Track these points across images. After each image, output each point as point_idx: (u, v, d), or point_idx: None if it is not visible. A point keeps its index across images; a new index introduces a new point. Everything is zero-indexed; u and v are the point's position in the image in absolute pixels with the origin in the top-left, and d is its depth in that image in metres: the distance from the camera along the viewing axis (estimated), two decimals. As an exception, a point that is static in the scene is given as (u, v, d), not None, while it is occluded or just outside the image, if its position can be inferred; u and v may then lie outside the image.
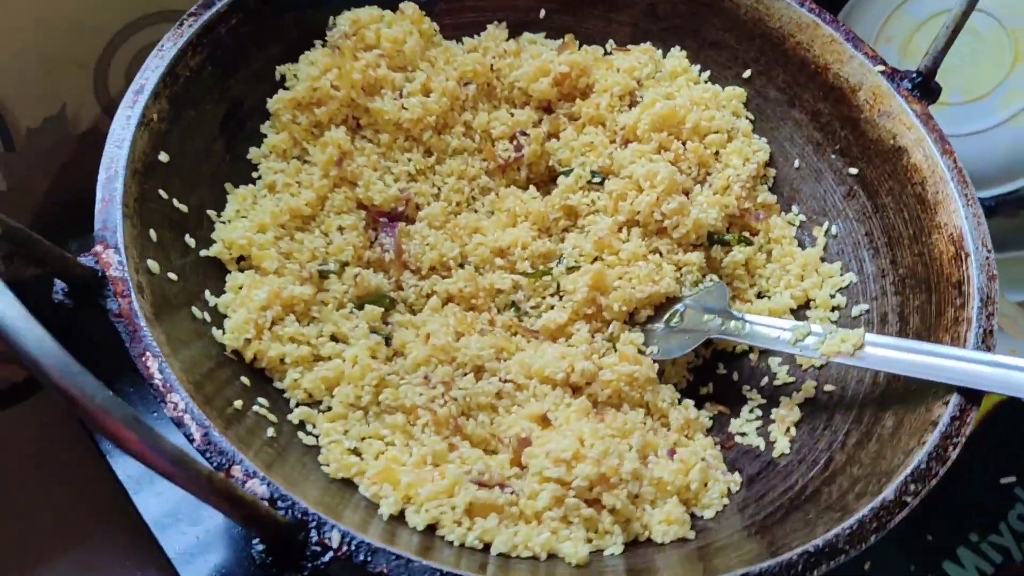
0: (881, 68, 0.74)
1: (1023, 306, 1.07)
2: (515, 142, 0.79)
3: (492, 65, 0.81)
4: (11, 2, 0.74)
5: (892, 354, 0.61)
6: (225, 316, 0.64)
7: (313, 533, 0.49)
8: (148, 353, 0.53)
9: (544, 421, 0.65)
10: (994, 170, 1.15)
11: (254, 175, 0.73)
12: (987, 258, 0.64)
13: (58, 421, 1.02)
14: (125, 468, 0.76)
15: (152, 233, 0.61)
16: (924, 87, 0.73)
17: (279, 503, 0.49)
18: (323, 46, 0.77)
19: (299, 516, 0.49)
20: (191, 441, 0.51)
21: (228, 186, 0.71)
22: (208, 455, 0.51)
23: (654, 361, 0.69)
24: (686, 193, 0.76)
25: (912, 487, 0.54)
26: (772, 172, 0.80)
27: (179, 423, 0.52)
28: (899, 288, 0.70)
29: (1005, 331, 1.07)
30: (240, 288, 0.66)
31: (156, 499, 0.74)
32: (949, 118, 1.16)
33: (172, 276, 0.61)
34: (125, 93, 0.85)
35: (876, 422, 0.63)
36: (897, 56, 1.21)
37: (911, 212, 0.70)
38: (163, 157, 0.65)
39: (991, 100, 1.14)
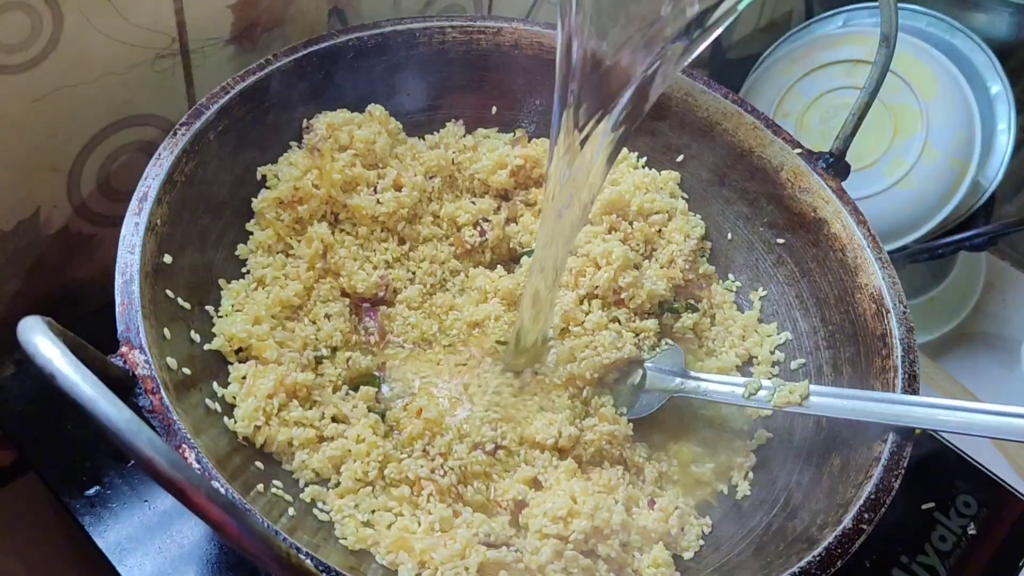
0: (799, 150, 0.85)
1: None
2: (479, 228, 0.87)
3: (453, 159, 0.89)
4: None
5: (833, 401, 0.71)
6: (233, 405, 0.69)
7: (359, 600, 0.54)
8: (184, 445, 0.57)
9: (536, 483, 0.71)
10: (884, 228, 1.29)
11: (243, 270, 0.78)
12: (904, 312, 0.75)
13: (34, 506, 1.02)
14: (105, 539, 0.76)
15: (166, 331, 0.65)
16: (837, 166, 0.84)
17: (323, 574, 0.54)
18: (299, 147, 0.83)
19: (346, 587, 0.54)
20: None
21: (222, 282, 0.76)
22: (252, 536, 0.55)
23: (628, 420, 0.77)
24: (636, 267, 0.85)
25: (866, 516, 0.63)
26: (708, 245, 0.90)
27: (221, 508, 0.56)
28: (830, 343, 0.80)
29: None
30: (244, 378, 0.70)
31: (138, 568, 0.75)
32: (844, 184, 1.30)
33: (186, 371, 0.66)
34: (97, 192, 0.89)
35: (824, 462, 0.72)
36: (794, 128, 1.35)
37: (834, 275, 0.81)
38: (167, 259, 0.69)
39: (878, 168, 1.29)
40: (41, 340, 0.44)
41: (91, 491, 0.79)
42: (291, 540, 0.55)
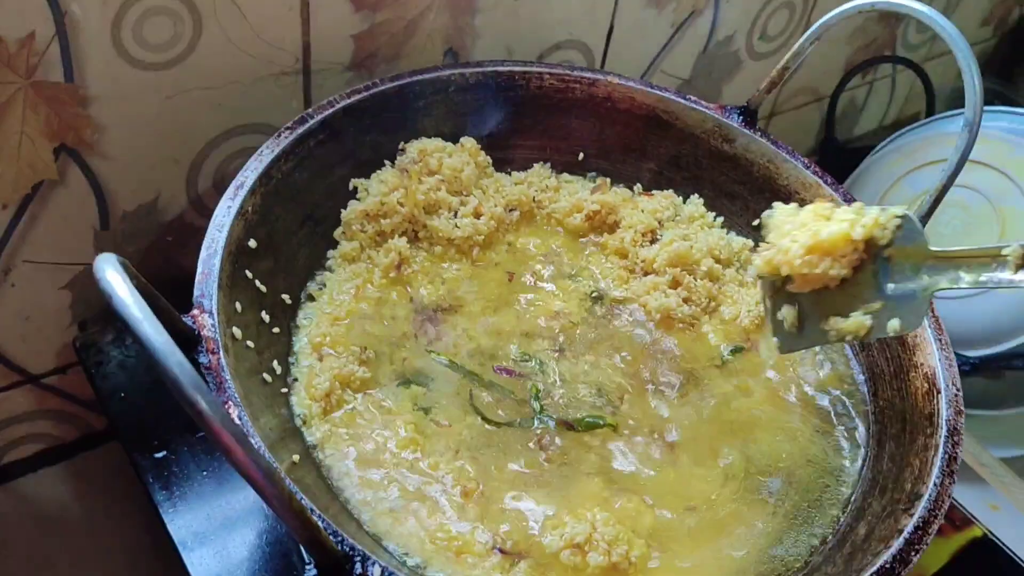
0: (872, 227, 0.85)
1: (1006, 461, 1.15)
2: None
3: (535, 197, 0.93)
4: (135, 114, 0.87)
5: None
6: (287, 382, 0.74)
7: (358, 565, 0.56)
8: (230, 402, 0.63)
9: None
10: (979, 333, 1.25)
11: (324, 270, 0.85)
12: (955, 395, 0.73)
13: (107, 479, 1.10)
14: (178, 527, 0.80)
15: (237, 305, 0.72)
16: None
17: (332, 536, 0.57)
18: (392, 167, 0.90)
19: (347, 550, 0.57)
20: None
21: (312, 286, 0.84)
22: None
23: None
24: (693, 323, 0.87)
25: (877, 584, 0.62)
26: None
27: (251, 462, 0.60)
28: (879, 417, 0.79)
29: (989, 483, 1.14)
30: (308, 366, 0.76)
31: (209, 560, 0.79)
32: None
33: (250, 343, 0.71)
34: (212, 189, 0.98)
35: (851, 530, 0.70)
36: (895, 222, 1.33)
37: (893, 352, 0.80)
38: (252, 243, 0.76)
39: (980, 268, 1.25)
40: (110, 271, 0.50)
41: (159, 455, 0.86)
42: (306, 500, 0.59)
